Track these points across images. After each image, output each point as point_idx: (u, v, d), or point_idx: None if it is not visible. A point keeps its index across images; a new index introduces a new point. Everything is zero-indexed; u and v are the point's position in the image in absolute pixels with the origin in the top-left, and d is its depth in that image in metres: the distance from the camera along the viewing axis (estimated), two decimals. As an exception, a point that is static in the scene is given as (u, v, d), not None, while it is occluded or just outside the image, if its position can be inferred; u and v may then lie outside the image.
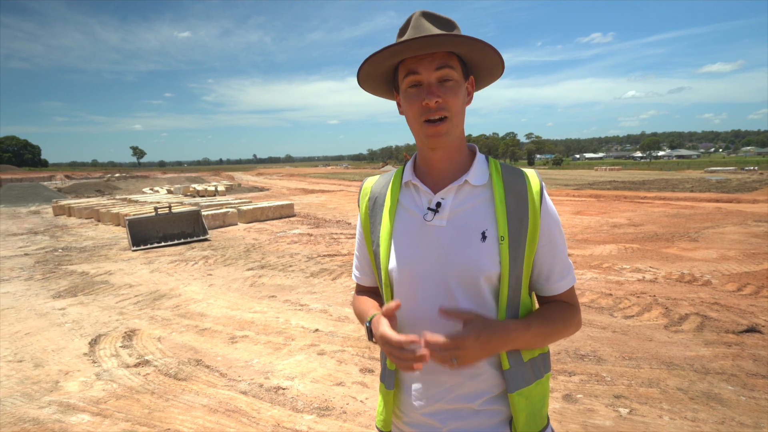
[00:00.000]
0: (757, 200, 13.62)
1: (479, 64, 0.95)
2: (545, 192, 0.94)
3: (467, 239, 0.90)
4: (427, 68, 0.87)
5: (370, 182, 1.08)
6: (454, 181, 0.94)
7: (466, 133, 1.00)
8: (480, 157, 0.98)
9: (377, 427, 1.04)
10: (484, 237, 0.90)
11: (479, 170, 0.95)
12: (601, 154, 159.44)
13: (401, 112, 0.97)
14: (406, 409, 0.99)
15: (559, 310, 0.96)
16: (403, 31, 0.92)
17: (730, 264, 6.04)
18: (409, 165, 1.02)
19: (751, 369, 3.13)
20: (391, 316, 0.88)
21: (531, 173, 0.96)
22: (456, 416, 0.93)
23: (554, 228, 0.94)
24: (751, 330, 3.77)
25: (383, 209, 1.01)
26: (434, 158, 0.95)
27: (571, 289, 0.98)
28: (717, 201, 13.86)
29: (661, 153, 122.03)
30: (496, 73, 0.98)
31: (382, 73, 0.95)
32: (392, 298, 0.98)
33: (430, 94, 0.87)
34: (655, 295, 4.79)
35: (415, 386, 0.96)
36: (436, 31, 0.87)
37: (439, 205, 0.93)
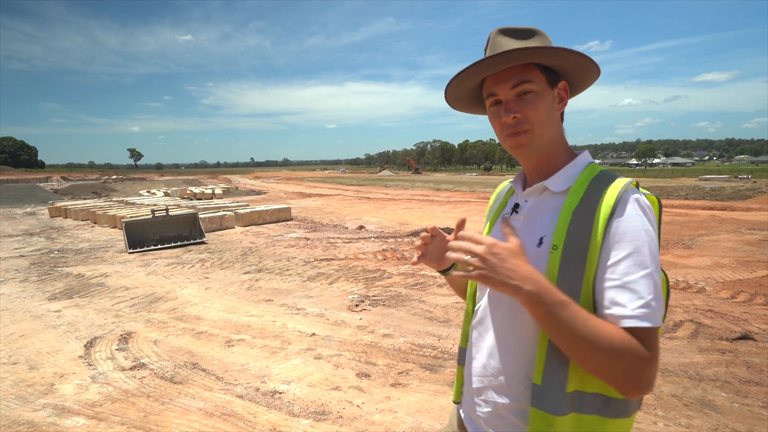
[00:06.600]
0: (750, 208, 13.75)
1: (564, 68, 0.92)
2: (625, 207, 0.82)
3: (527, 242, 0.90)
4: (503, 87, 0.90)
5: (504, 183, 1.16)
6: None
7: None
8: (575, 164, 0.94)
9: (453, 400, 1.14)
10: (540, 243, 0.89)
11: (564, 177, 0.93)
12: (597, 161, 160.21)
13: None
14: (467, 383, 1.05)
15: (612, 328, 0.76)
16: (484, 51, 0.94)
17: (724, 271, 6.09)
18: (521, 170, 1.05)
19: (744, 376, 3.17)
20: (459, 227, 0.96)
21: (615, 185, 0.85)
22: (491, 404, 0.96)
23: (622, 248, 0.79)
24: (745, 337, 3.80)
25: (496, 206, 1.11)
26: (525, 166, 0.99)
27: (636, 333, 0.75)
28: (711, 208, 13.98)
29: (656, 160, 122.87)
30: (589, 74, 0.94)
31: (468, 92, 0.99)
32: (477, 288, 1.08)
33: (507, 111, 0.89)
34: (649, 302, 4.82)
35: (474, 364, 1.01)
36: (512, 45, 0.88)
37: (518, 206, 0.98)
